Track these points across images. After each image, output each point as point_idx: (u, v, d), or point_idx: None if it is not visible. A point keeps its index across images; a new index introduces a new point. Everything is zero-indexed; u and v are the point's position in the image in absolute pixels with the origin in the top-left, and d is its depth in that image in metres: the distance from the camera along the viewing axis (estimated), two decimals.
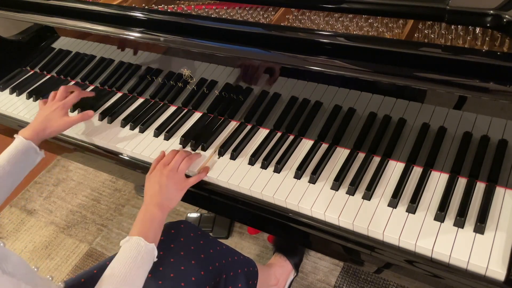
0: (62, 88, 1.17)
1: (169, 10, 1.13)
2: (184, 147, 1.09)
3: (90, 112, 1.13)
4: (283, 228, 0.95)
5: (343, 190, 0.91)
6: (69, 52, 1.32)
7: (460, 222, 0.79)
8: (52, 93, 1.17)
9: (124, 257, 0.82)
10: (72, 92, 1.18)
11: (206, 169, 1.01)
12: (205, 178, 1.01)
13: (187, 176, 1.00)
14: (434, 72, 0.77)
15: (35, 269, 0.87)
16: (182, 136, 1.10)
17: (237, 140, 1.07)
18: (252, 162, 1.01)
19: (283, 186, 0.94)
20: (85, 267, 1.67)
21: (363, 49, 0.84)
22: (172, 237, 0.99)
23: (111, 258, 0.93)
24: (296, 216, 0.91)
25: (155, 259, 0.87)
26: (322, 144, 1.01)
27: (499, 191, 0.84)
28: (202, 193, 1.03)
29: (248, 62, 0.98)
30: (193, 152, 1.06)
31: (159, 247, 0.96)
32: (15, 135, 1.03)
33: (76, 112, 1.25)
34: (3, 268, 0.73)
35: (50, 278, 0.90)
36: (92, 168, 1.77)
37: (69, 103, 1.13)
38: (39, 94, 1.34)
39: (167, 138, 1.12)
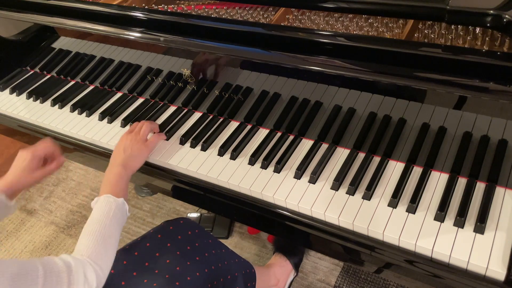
0: (45, 139, 1.08)
1: (169, 10, 1.13)
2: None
3: (61, 161, 1.07)
4: (283, 228, 0.95)
5: (343, 190, 0.91)
6: (69, 52, 1.32)
7: (460, 222, 0.79)
8: (34, 146, 1.06)
9: (97, 215, 0.86)
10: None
11: (162, 134, 1.11)
12: (206, 178, 1.01)
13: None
14: (434, 72, 0.77)
15: None
16: (182, 136, 1.10)
17: (237, 140, 1.07)
18: (252, 162, 1.01)
19: (283, 186, 0.94)
20: None
21: (363, 49, 0.84)
22: (169, 235, 0.99)
23: None
24: (296, 216, 0.91)
25: (128, 214, 0.92)
26: (322, 144, 1.01)
27: (499, 191, 0.84)
28: (202, 193, 1.03)
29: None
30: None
31: (155, 247, 0.96)
32: None
33: (76, 112, 1.26)
34: None
35: None
36: (92, 168, 1.77)
37: (41, 154, 1.04)
38: (39, 94, 1.34)
39: (167, 138, 1.12)
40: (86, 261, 0.76)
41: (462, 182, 0.87)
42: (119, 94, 1.29)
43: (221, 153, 1.04)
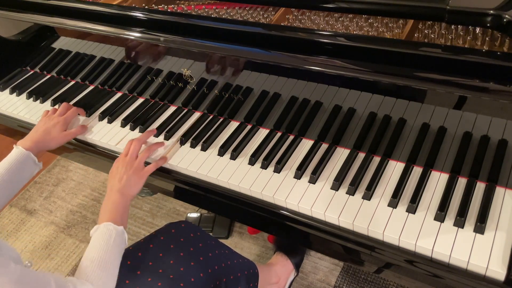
0: (64, 104, 1.22)
1: (169, 10, 1.13)
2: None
3: (83, 129, 1.18)
4: (283, 228, 0.95)
5: (343, 190, 0.91)
6: (69, 52, 1.32)
7: (460, 222, 0.79)
8: (52, 108, 1.22)
9: (98, 242, 0.86)
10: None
11: (164, 158, 1.06)
12: (206, 178, 1.01)
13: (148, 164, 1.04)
14: (434, 72, 0.77)
15: (28, 264, 0.87)
16: (182, 136, 1.10)
17: (237, 140, 1.07)
18: (252, 162, 1.01)
19: (283, 186, 0.94)
20: None
21: (363, 49, 0.84)
22: (172, 237, 0.99)
23: None
24: (296, 216, 0.91)
25: (126, 244, 0.91)
26: (322, 144, 1.01)
27: (499, 191, 0.84)
28: (202, 193, 1.03)
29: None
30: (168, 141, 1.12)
31: (158, 248, 0.96)
32: (14, 145, 1.04)
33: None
34: None
35: None
36: (92, 168, 1.77)
37: (69, 118, 1.17)
38: (39, 94, 1.34)
39: (167, 138, 1.12)
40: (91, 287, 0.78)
41: (462, 182, 0.87)
42: (119, 94, 1.29)
43: (221, 153, 1.04)
